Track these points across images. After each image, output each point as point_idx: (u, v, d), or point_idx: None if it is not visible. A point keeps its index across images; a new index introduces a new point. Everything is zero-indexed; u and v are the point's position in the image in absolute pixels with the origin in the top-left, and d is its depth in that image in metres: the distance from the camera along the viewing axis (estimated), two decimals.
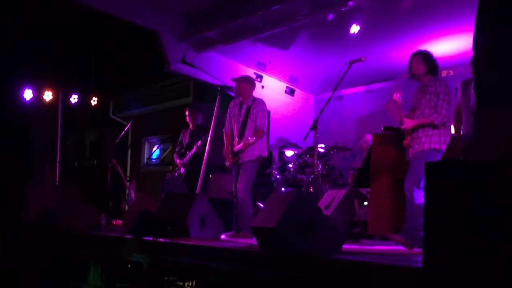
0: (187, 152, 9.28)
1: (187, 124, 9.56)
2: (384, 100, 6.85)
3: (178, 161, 9.46)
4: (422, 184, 5.88)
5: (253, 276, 4.82)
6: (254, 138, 7.41)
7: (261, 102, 7.83)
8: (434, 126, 6.12)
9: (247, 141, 7.41)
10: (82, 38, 14.29)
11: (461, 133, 6.64)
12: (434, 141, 6.09)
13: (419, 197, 5.92)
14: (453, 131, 6.60)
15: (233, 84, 8.05)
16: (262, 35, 9.93)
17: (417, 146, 6.19)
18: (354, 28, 9.24)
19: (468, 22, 4.60)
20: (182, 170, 9.31)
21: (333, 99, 7.30)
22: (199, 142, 9.01)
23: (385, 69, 10.83)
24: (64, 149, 14.55)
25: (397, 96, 6.34)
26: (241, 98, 7.90)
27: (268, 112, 10.60)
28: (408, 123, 6.26)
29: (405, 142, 6.36)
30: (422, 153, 6.06)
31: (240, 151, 7.60)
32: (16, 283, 7.71)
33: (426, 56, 6.34)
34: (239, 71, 10.74)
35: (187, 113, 9.51)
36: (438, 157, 6.02)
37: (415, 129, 6.26)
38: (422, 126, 6.22)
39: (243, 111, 7.78)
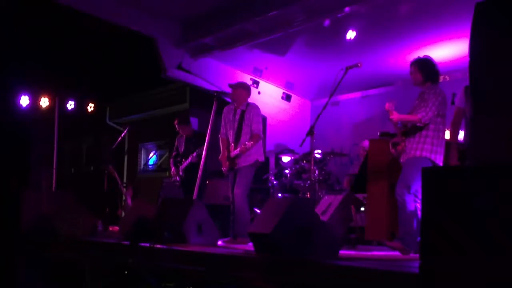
0: (183, 160, 9.29)
1: None
2: (380, 106, 6.85)
3: (173, 169, 9.46)
4: (413, 189, 5.92)
5: (250, 282, 4.82)
6: (251, 142, 7.43)
7: (255, 107, 7.83)
8: (420, 128, 6.14)
9: (244, 146, 7.42)
10: (78, 44, 14.29)
11: (457, 138, 6.64)
12: (426, 149, 6.10)
13: (410, 202, 5.96)
14: (448, 136, 6.60)
15: (229, 90, 8.05)
16: (259, 41, 9.96)
17: (409, 152, 6.21)
18: (350, 34, 9.26)
19: (464, 28, 4.62)
20: (177, 178, 9.32)
21: (330, 105, 7.31)
22: (195, 153, 9.01)
23: (382, 75, 10.87)
24: (61, 156, 14.55)
25: (389, 106, 6.33)
26: (235, 104, 7.90)
27: (265, 118, 10.62)
28: (394, 116, 6.27)
29: (399, 147, 6.38)
30: (414, 160, 6.08)
31: (237, 156, 7.61)
32: None
33: (423, 64, 6.33)
34: (236, 77, 10.76)
35: (176, 124, 9.49)
36: (429, 165, 6.02)
37: (409, 135, 6.27)
38: (408, 122, 6.26)
39: (237, 117, 7.79)
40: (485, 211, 3.05)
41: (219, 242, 7.07)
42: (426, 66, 6.32)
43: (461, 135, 7.54)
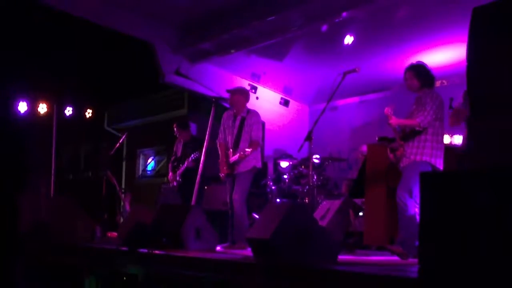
0: (180, 165, 9.29)
1: None
2: (378, 111, 6.86)
3: (170, 174, 9.47)
4: (414, 193, 5.92)
5: (249, 287, 4.81)
6: (250, 149, 7.42)
7: (255, 114, 7.84)
8: (418, 132, 6.15)
9: (243, 153, 7.41)
10: (76, 50, 14.30)
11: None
12: (426, 153, 6.11)
13: (411, 206, 5.96)
14: (447, 141, 6.60)
15: (227, 95, 8.05)
16: (257, 47, 9.96)
17: (408, 157, 6.21)
18: (348, 39, 9.26)
19: (461, 33, 4.63)
20: (175, 183, 9.32)
21: (328, 109, 7.31)
22: (190, 158, 9.01)
23: (380, 80, 10.86)
24: (59, 162, 14.54)
25: (388, 110, 6.34)
26: (234, 110, 7.90)
27: (263, 123, 10.59)
28: (393, 120, 6.28)
29: (398, 153, 6.38)
30: (414, 164, 6.09)
31: (235, 162, 7.61)
32: None
33: (419, 70, 6.34)
34: (234, 83, 10.75)
35: (175, 129, 9.53)
36: (429, 169, 6.03)
37: (408, 139, 6.28)
38: (407, 126, 6.27)
39: (237, 123, 7.79)
40: (483, 215, 3.05)
41: (218, 248, 7.07)
42: (421, 71, 6.34)
43: (459, 139, 7.56)
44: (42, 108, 13.28)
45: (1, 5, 10.56)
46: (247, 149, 7.41)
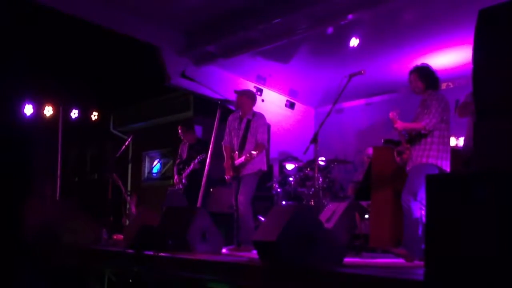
0: (186, 167, 9.29)
1: None
2: (384, 113, 6.85)
3: (175, 177, 9.48)
4: (419, 196, 5.91)
5: None
6: (256, 152, 7.42)
7: (261, 116, 7.83)
8: (424, 135, 6.14)
9: (249, 155, 7.40)
10: (82, 52, 14.32)
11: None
12: (432, 156, 6.10)
13: (416, 209, 5.96)
14: (453, 143, 6.59)
15: (233, 97, 8.05)
16: (262, 49, 9.96)
17: (415, 160, 6.20)
18: (354, 41, 9.26)
19: (467, 35, 4.62)
20: (180, 186, 9.32)
21: (334, 112, 7.31)
22: (196, 160, 9.02)
23: (385, 82, 10.86)
24: (65, 164, 14.56)
25: (393, 115, 6.33)
26: (240, 112, 7.90)
27: (268, 126, 10.62)
28: (399, 124, 6.27)
29: (405, 156, 6.37)
30: (420, 167, 6.08)
31: (241, 165, 7.60)
32: None
33: (423, 72, 6.34)
34: (240, 85, 10.75)
35: (179, 131, 9.54)
36: (435, 171, 6.02)
37: (414, 142, 6.27)
38: (413, 129, 6.26)
39: (243, 125, 7.79)
40: (490, 217, 3.04)
41: (224, 250, 7.06)
42: (426, 73, 6.33)
43: (460, 141, 7.55)
44: (48, 111, 13.32)
45: (6, 9, 10.59)
46: (253, 152, 7.41)
